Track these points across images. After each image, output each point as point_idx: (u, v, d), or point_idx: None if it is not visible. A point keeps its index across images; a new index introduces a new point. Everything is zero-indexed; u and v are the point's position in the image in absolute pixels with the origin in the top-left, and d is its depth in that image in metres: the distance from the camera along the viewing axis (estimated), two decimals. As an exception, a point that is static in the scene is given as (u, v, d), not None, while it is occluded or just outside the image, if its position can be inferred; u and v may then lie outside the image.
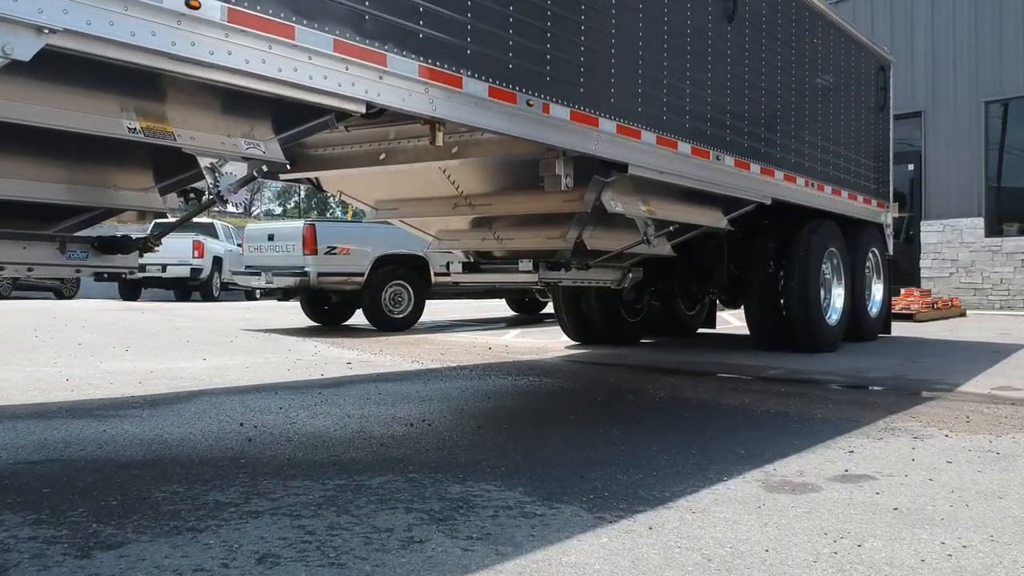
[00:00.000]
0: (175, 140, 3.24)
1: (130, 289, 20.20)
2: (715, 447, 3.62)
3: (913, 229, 15.59)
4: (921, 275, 15.13)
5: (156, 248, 3.60)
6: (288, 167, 3.60)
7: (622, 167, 5.21)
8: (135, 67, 2.69)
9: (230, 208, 3.49)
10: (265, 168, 3.30)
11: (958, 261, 15.02)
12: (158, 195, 3.61)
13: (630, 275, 6.95)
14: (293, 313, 13.14)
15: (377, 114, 3.82)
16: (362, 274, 10.73)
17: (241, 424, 4.05)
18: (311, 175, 6.20)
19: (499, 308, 15.52)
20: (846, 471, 3.20)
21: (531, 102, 4.37)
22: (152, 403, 4.71)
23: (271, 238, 11.27)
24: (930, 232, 15.26)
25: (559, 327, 9.18)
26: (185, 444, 3.61)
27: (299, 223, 10.92)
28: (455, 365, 6.86)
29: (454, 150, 5.36)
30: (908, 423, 4.22)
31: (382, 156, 5.67)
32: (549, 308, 15.11)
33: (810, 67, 7.69)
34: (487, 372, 6.39)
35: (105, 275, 3.55)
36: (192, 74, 2.81)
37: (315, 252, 10.55)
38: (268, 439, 3.73)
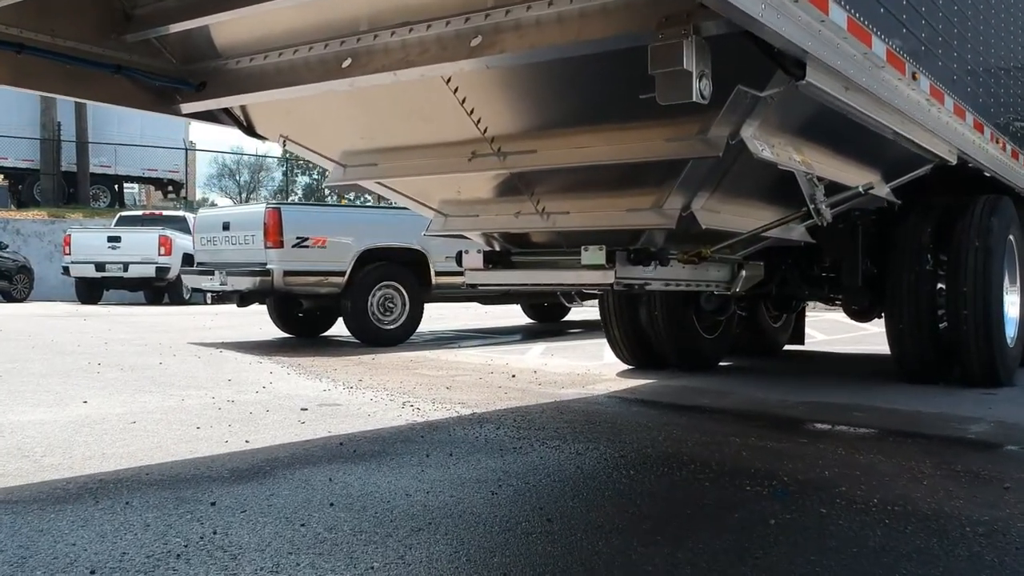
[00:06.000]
0: None
1: (89, 291, 17.57)
2: None
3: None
4: None
5: None
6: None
7: (797, 66, 2.73)
8: None
9: None
10: None
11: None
12: None
13: (743, 273, 4.44)
14: (265, 319, 10.57)
15: None
16: (342, 273, 8.24)
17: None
18: (234, 102, 3.71)
19: (512, 314, 13.00)
20: None
21: None
22: None
23: (226, 227, 8.77)
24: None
25: (602, 342, 6.74)
26: None
27: (260, 207, 8.40)
28: (469, 414, 4.37)
29: (475, 42, 2.87)
30: None
31: (346, 63, 3.19)
32: (572, 316, 12.61)
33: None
34: (522, 430, 3.90)
35: None
36: None
37: (280, 244, 8.05)
38: None
